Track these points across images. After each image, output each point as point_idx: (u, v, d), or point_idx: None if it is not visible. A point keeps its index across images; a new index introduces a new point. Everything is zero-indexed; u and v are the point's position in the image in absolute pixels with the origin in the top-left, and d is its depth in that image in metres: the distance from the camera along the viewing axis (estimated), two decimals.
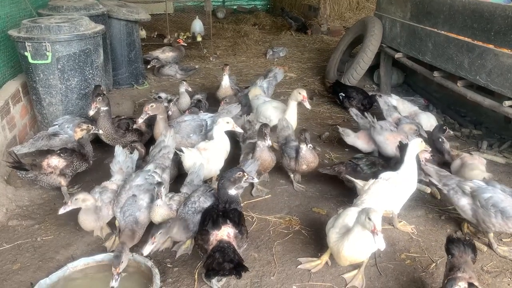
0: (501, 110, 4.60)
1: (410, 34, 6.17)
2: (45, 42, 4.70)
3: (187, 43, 9.39)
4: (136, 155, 4.05)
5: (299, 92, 4.94)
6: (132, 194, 3.45)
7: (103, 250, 3.51)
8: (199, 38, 10.12)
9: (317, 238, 3.68)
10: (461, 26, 5.11)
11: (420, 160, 3.94)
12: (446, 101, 6.52)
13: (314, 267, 3.31)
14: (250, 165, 3.89)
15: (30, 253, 3.49)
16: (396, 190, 3.61)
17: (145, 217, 3.43)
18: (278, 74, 6.31)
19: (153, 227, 3.18)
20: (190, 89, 6.11)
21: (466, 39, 4.97)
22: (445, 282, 2.62)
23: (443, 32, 5.42)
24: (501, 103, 4.55)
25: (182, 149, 4.09)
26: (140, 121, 4.41)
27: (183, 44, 8.87)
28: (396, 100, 5.77)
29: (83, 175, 4.51)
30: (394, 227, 3.82)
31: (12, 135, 4.79)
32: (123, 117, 5.09)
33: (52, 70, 4.85)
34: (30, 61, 4.76)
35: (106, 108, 4.59)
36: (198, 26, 10.63)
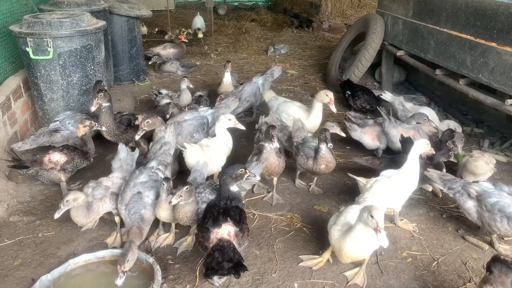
0: (503, 109, 4.59)
1: (412, 32, 6.15)
2: (46, 38, 4.70)
3: (188, 40, 9.38)
4: (136, 154, 4.03)
5: (326, 94, 4.78)
6: (137, 191, 3.45)
7: (105, 246, 3.51)
8: (200, 35, 10.11)
9: (318, 235, 3.69)
10: (463, 24, 5.10)
11: (423, 164, 3.93)
12: (448, 99, 6.51)
13: (316, 265, 3.32)
14: (254, 167, 3.81)
15: (31, 249, 3.49)
16: (397, 188, 3.61)
17: (150, 214, 3.43)
18: (276, 71, 6.19)
19: (178, 185, 3.23)
20: (191, 85, 6.10)
21: (469, 37, 4.96)
22: None
23: (446, 30, 5.40)
24: (503, 102, 4.54)
25: (184, 145, 4.08)
26: (137, 137, 4.30)
27: (185, 40, 8.85)
28: (390, 97, 5.75)
29: (84, 171, 4.51)
30: (395, 225, 3.82)
31: (13, 131, 4.78)
32: (125, 113, 5.08)
33: (53, 66, 4.84)
34: (32, 56, 4.75)
35: (108, 104, 4.58)
36: (199, 22, 10.63)
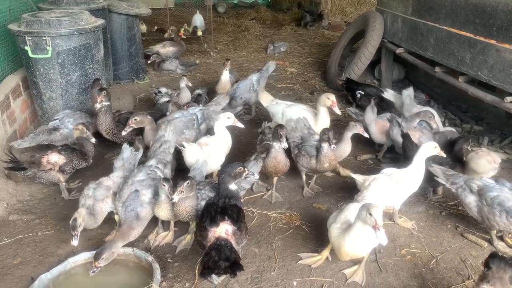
0: (502, 106, 4.58)
1: (411, 29, 6.14)
2: (45, 36, 4.69)
3: (187, 37, 9.38)
4: (140, 154, 4.03)
5: (328, 97, 4.66)
6: (134, 190, 3.45)
7: None
8: (200, 33, 10.09)
9: (317, 233, 3.69)
10: (463, 21, 5.08)
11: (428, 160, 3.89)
12: (447, 96, 6.50)
13: (315, 263, 3.32)
14: (253, 166, 3.82)
15: (30, 247, 3.50)
16: (397, 187, 3.61)
17: (147, 212, 3.43)
18: (270, 66, 6.14)
19: (179, 179, 3.22)
20: (190, 84, 6.10)
21: (468, 35, 4.94)
22: None
23: (445, 27, 5.39)
24: (502, 99, 4.53)
25: (183, 144, 4.08)
26: (123, 133, 4.30)
27: (183, 36, 8.86)
28: (392, 94, 5.74)
29: (84, 170, 4.51)
30: (394, 223, 3.82)
31: (12, 130, 4.78)
32: (124, 112, 5.07)
33: (52, 64, 4.84)
34: (30, 55, 4.75)
35: (108, 103, 4.58)
36: (198, 20, 10.60)
